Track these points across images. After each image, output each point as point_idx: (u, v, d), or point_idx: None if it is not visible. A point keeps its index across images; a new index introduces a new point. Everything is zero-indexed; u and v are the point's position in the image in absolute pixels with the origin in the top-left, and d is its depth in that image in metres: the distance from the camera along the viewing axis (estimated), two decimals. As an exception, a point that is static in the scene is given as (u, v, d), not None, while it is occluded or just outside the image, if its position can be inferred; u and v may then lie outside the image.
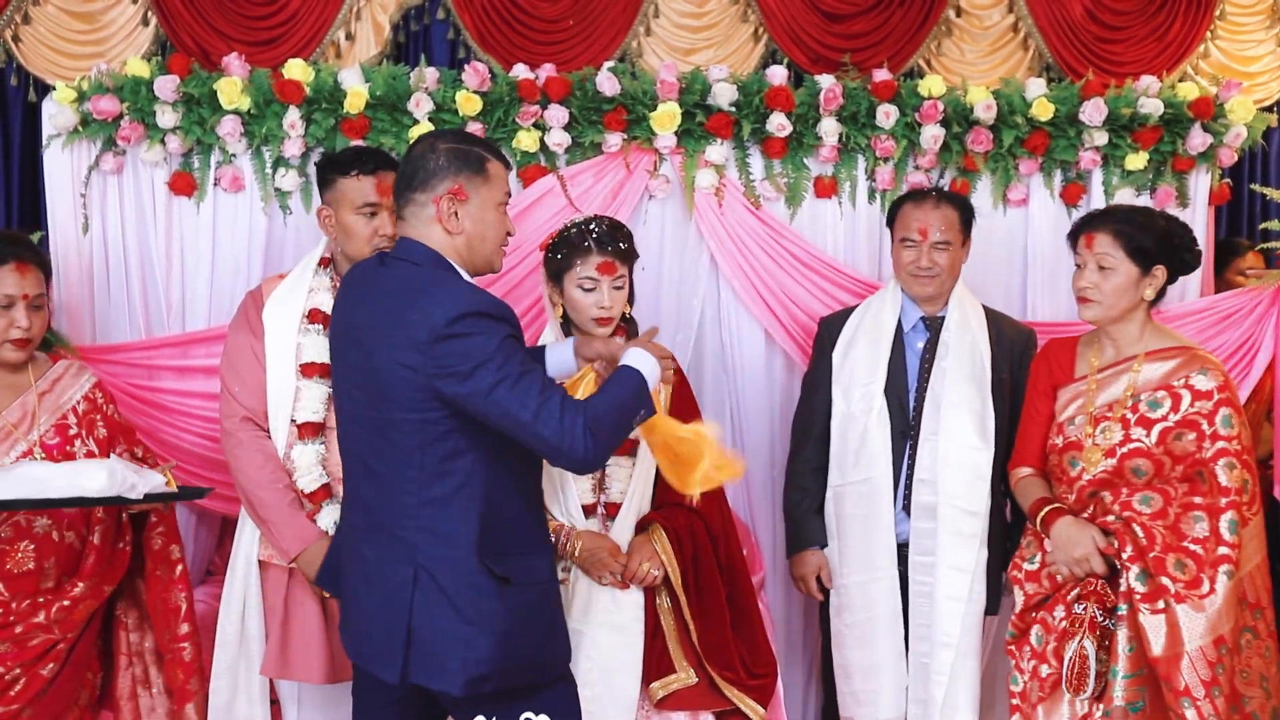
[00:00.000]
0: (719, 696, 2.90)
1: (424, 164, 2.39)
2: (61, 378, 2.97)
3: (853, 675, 3.22)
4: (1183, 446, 2.72)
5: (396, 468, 2.34)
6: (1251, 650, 2.69)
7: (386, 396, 2.31)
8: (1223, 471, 2.69)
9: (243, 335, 2.99)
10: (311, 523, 2.90)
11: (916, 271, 3.23)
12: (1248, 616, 2.69)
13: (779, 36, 4.33)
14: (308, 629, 2.94)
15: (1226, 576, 2.60)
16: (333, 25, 4.20)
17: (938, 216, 3.22)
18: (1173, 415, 2.74)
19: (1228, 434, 2.71)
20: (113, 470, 2.68)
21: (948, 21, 4.50)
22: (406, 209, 2.42)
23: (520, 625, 2.35)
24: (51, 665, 2.78)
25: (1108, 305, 2.82)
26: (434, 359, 2.24)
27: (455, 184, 2.38)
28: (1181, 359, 2.80)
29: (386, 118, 3.54)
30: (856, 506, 3.21)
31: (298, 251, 3.21)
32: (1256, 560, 2.72)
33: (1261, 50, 4.76)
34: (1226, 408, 2.73)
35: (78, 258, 3.54)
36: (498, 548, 2.34)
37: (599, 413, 2.29)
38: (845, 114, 3.68)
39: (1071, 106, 3.71)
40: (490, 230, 2.43)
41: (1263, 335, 3.65)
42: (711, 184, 3.67)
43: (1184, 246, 2.86)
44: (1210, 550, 2.62)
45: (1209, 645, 2.57)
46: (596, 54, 4.13)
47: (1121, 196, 3.75)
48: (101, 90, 3.46)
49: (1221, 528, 2.64)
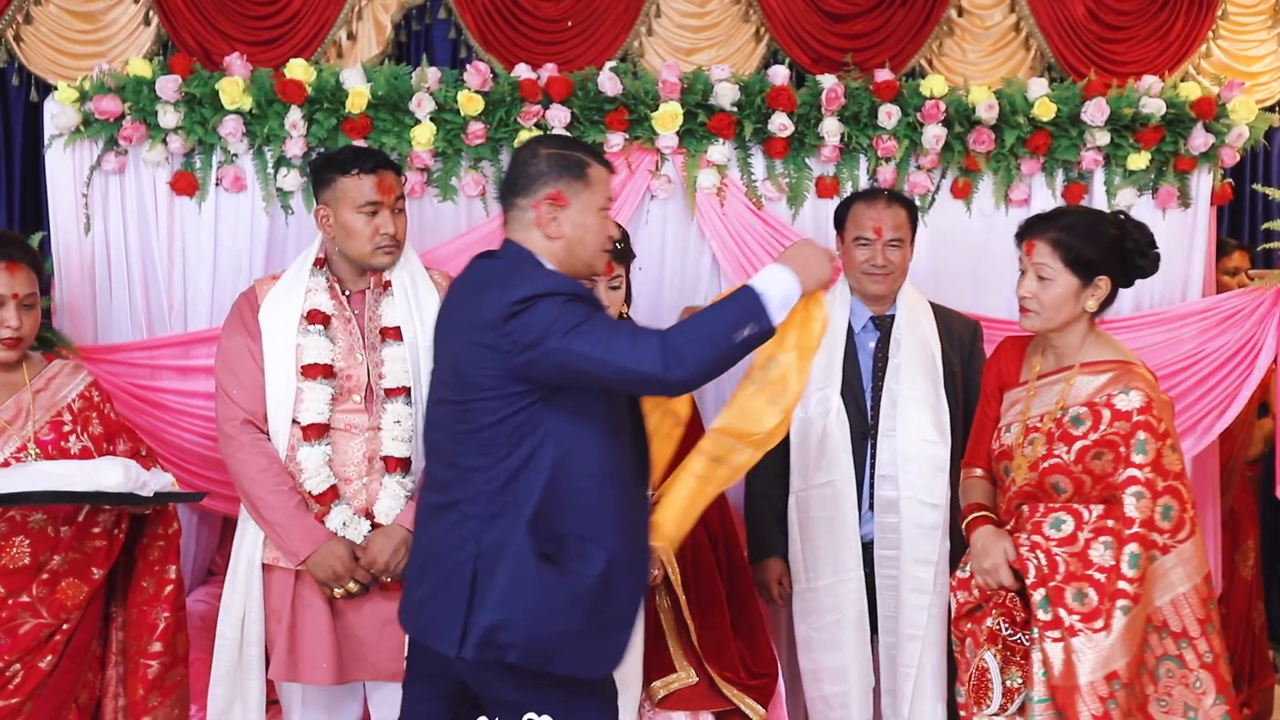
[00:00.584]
0: (719, 696, 2.90)
1: (525, 169, 2.44)
2: (56, 376, 2.96)
3: (822, 680, 3.23)
4: (1102, 466, 2.63)
5: (469, 446, 2.37)
6: (1173, 680, 2.62)
7: (465, 378, 2.36)
8: (1129, 500, 2.59)
9: (239, 337, 2.98)
10: (320, 524, 2.89)
11: (871, 270, 3.24)
12: (1170, 645, 2.62)
13: (780, 36, 4.33)
14: (316, 631, 2.93)
15: (1122, 613, 2.53)
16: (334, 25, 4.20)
17: (890, 215, 3.24)
18: (1092, 434, 2.64)
19: (1140, 460, 2.59)
20: (128, 467, 2.71)
21: (949, 21, 4.50)
22: (510, 213, 2.47)
23: (552, 605, 2.33)
24: (50, 658, 2.77)
25: (1046, 316, 2.70)
26: (506, 335, 2.28)
27: (555, 189, 2.41)
28: (1114, 373, 2.68)
29: (388, 117, 3.54)
30: (821, 510, 3.23)
31: (299, 251, 3.20)
32: (1184, 588, 2.63)
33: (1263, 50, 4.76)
34: (1143, 431, 2.59)
35: (79, 258, 3.53)
36: (552, 526, 2.34)
37: (680, 329, 2.29)
38: (847, 114, 3.68)
39: (1073, 106, 3.71)
40: (590, 235, 2.46)
41: (1264, 336, 3.64)
42: (713, 184, 3.67)
43: (1137, 251, 2.72)
44: (1110, 582, 2.55)
45: (1100, 681, 2.51)
46: (598, 54, 4.13)
47: (1124, 196, 3.75)
48: (103, 90, 3.45)
49: (1123, 560, 2.55)
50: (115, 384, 3.42)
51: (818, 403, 3.24)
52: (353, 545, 2.89)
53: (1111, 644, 2.52)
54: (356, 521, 2.92)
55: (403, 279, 3.03)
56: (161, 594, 2.94)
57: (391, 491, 2.94)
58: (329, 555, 2.85)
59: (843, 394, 3.24)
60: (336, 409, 2.95)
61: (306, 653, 2.92)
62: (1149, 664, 2.62)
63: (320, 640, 2.92)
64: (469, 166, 3.63)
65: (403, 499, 2.95)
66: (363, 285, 3.02)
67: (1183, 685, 2.62)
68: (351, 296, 3.02)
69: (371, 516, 2.94)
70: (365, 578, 2.89)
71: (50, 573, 2.79)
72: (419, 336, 2.99)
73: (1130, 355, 2.76)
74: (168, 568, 2.96)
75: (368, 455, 2.96)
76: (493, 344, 2.30)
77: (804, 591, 3.25)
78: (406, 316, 3.00)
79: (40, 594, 2.77)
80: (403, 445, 2.95)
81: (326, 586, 2.88)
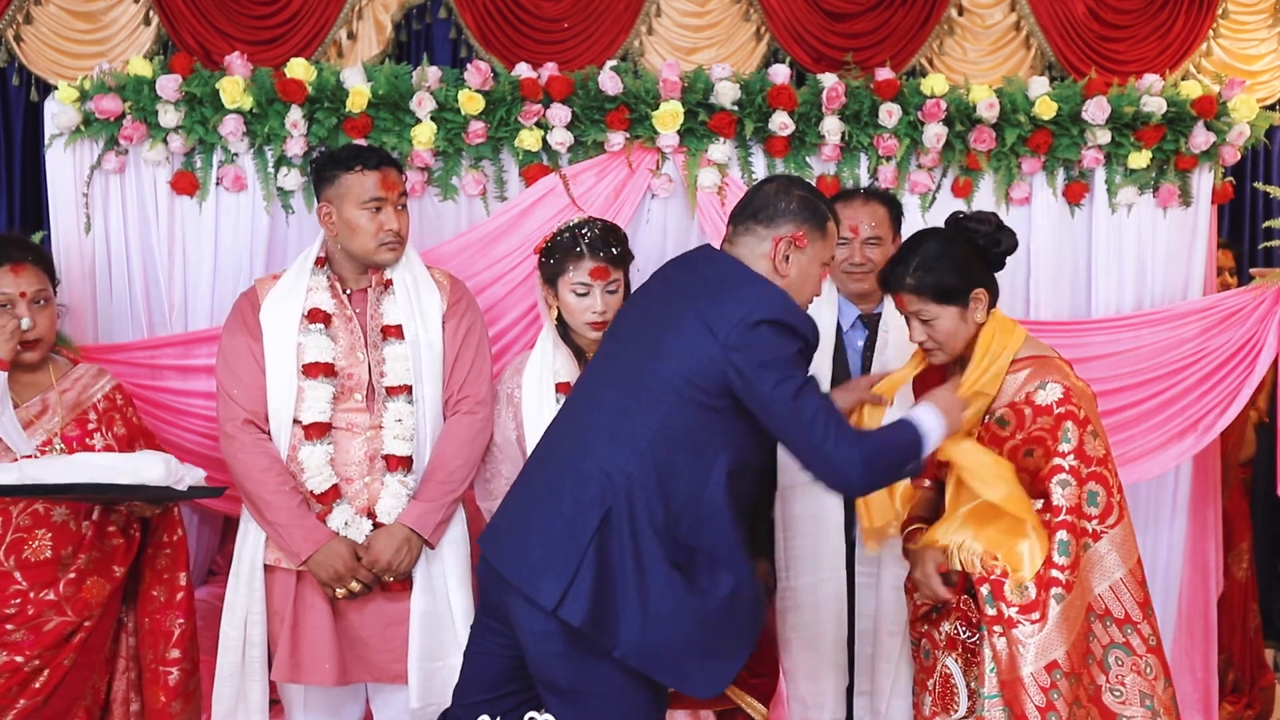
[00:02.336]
0: (720, 695, 2.90)
1: (775, 201, 2.52)
2: (82, 377, 3.00)
3: (799, 679, 3.23)
4: (1035, 463, 2.64)
5: (639, 418, 2.38)
6: (1124, 667, 2.62)
7: (673, 352, 2.38)
8: (1056, 489, 2.60)
9: (240, 337, 2.98)
10: (322, 524, 2.89)
11: (850, 269, 3.25)
12: (1115, 632, 2.63)
13: (781, 35, 4.33)
14: (318, 632, 2.93)
15: (1056, 601, 2.53)
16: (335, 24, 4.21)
17: (866, 213, 3.24)
18: (1019, 433, 2.65)
19: (1063, 449, 2.61)
20: (168, 462, 2.75)
21: (950, 20, 4.51)
22: (742, 235, 2.52)
23: (673, 615, 2.34)
24: (71, 655, 2.79)
25: (950, 348, 2.70)
26: (735, 339, 2.33)
27: (800, 230, 2.49)
28: (1030, 369, 2.69)
29: (389, 117, 3.53)
30: (805, 508, 3.23)
31: (300, 251, 3.20)
32: (1120, 573, 2.64)
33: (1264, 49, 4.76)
34: (1068, 421, 2.61)
35: (80, 257, 3.53)
36: (685, 538, 2.37)
37: (878, 451, 2.42)
38: (848, 113, 3.68)
39: (1074, 105, 3.71)
40: (810, 283, 2.54)
41: (1265, 335, 3.63)
42: (714, 183, 3.67)
43: (990, 247, 2.72)
44: (1045, 572, 2.56)
45: (1040, 671, 2.51)
46: (599, 53, 4.14)
47: (1124, 195, 3.75)
48: (103, 89, 3.45)
49: (1054, 549, 2.56)
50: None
51: None
52: (355, 545, 2.89)
53: (1048, 633, 2.52)
54: (358, 521, 2.92)
55: (404, 277, 3.02)
56: (174, 600, 2.97)
57: (393, 490, 2.94)
58: (331, 555, 2.85)
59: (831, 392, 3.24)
60: (338, 408, 2.95)
61: (308, 654, 2.92)
62: (1096, 653, 2.63)
63: (322, 641, 2.92)
64: (469, 166, 3.63)
65: (404, 498, 2.95)
66: (364, 284, 3.03)
67: (1135, 673, 2.62)
68: (353, 295, 3.02)
69: (373, 516, 2.94)
70: (367, 578, 2.89)
71: (77, 571, 2.81)
72: (420, 335, 2.99)
73: (1044, 350, 2.76)
74: (177, 575, 2.99)
75: (369, 454, 2.96)
76: (718, 345, 2.34)
77: (784, 590, 3.25)
78: (408, 315, 3.00)
79: (67, 593, 2.79)
80: (404, 444, 2.95)
81: (328, 587, 2.88)
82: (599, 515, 2.34)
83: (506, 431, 3.03)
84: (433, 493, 2.95)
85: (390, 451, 2.95)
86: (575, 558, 2.32)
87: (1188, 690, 3.85)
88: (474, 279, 3.45)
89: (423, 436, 2.97)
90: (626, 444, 2.37)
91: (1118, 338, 3.70)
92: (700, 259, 2.58)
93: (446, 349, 3.01)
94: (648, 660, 2.35)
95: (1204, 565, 3.91)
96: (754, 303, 2.38)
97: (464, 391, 3.02)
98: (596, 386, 2.51)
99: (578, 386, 2.60)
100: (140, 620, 2.97)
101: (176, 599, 2.97)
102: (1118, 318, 3.74)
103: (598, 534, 2.33)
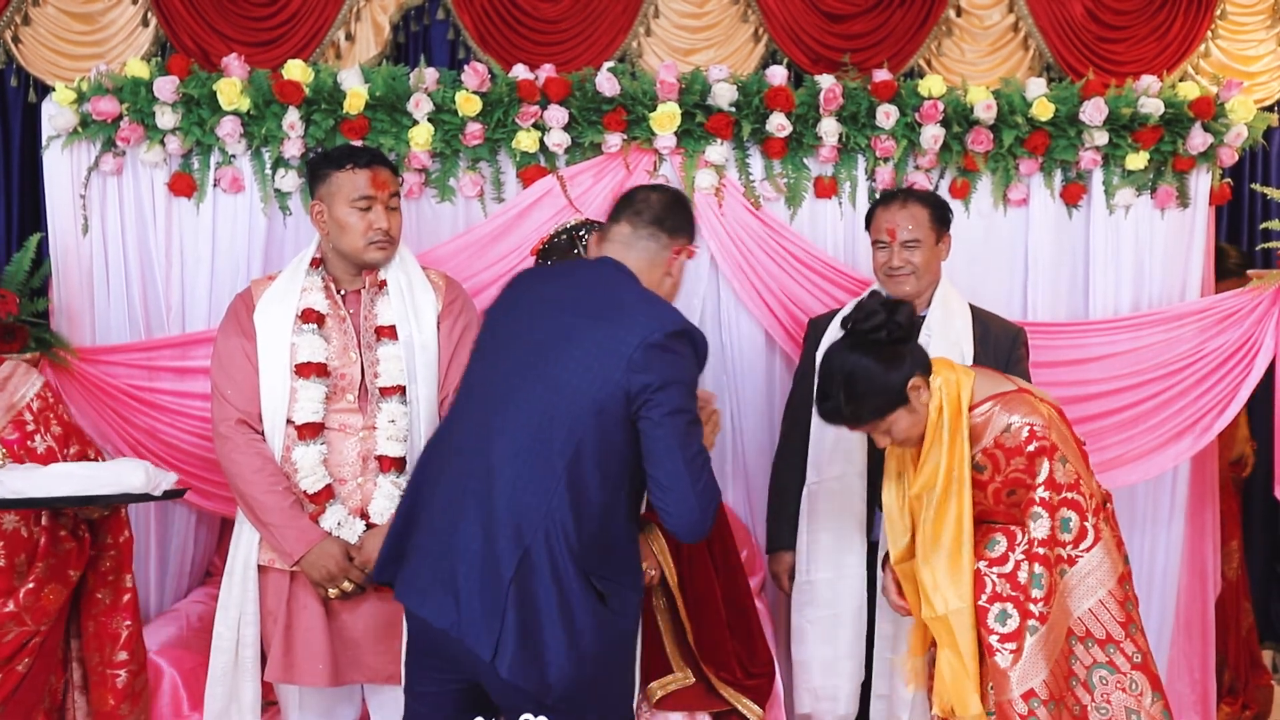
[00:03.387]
0: (716, 697, 2.90)
1: (686, 213, 2.59)
2: (11, 376, 2.93)
3: (813, 671, 3.23)
4: (1018, 498, 2.67)
5: (551, 454, 2.34)
6: (1109, 686, 2.64)
7: (578, 388, 2.34)
8: (1031, 523, 2.62)
9: (234, 338, 2.98)
10: (314, 524, 2.89)
11: (890, 272, 3.25)
12: (1098, 653, 2.64)
13: (779, 37, 4.33)
14: (311, 632, 2.92)
15: (1030, 633, 2.57)
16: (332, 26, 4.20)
17: (905, 216, 3.23)
18: (997, 477, 2.67)
19: (1037, 482, 2.62)
20: (147, 468, 2.71)
21: (948, 21, 4.50)
22: (644, 240, 2.52)
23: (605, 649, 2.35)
24: (26, 660, 2.76)
25: (914, 437, 2.68)
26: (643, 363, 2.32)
27: (692, 243, 2.59)
28: (993, 405, 2.66)
29: (386, 118, 3.54)
30: (830, 504, 3.23)
31: (297, 252, 3.20)
32: (1101, 593, 2.64)
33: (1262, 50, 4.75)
34: (1041, 457, 2.61)
35: (77, 259, 3.53)
36: (600, 564, 2.35)
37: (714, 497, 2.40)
38: (845, 114, 3.68)
39: (1072, 106, 3.71)
40: (670, 297, 2.56)
41: (1263, 336, 3.64)
42: (711, 184, 3.67)
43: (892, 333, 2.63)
44: (1023, 603, 2.60)
45: (1018, 699, 2.55)
46: (596, 54, 4.13)
47: (1122, 196, 3.74)
48: (101, 91, 3.45)
49: (1030, 583, 2.60)
50: (113, 385, 3.42)
51: None
52: (347, 545, 2.89)
53: (1023, 665, 2.56)
54: (351, 521, 2.92)
55: (398, 278, 3.02)
56: (120, 603, 2.93)
57: (386, 491, 2.93)
58: (323, 555, 2.84)
59: None
60: (330, 408, 2.94)
61: (302, 654, 2.92)
62: (1080, 675, 2.65)
63: (316, 642, 2.92)
64: (467, 167, 3.63)
65: (397, 499, 2.94)
66: (358, 285, 3.02)
67: (1120, 690, 2.64)
68: (346, 296, 3.02)
69: (366, 516, 2.93)
70: (360, 578, 2.88)
71: (36, 580, 2.77)
72: (414, 335, 2.99)
73: (1000, 382, 2.73)
74: (123, 577, 2.95)
75: (362, 455, 2.95)
76: (622, 371, 2.32)
77: (803, 583, 3.25)
78: (402, 316, 2.99)
79: (27, 602, 2.75)
80: (397, 445, 2.95)
81: (321, 587, 2.88)
82: (517, 556, 2.31)
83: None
84: None
85: (383, 452, 2.95)
86: (500, 604, 2.30)
87: (1185, 692, 3.85)
88: (471, 280, 3.45)
89: (417, 437, 2.97)
90: (539, 481, 2.33)
91: (1115, 339, 3.70)
92: (588, 274, 2.55)
93: (441, 349, 3.01)
94: (578, 695, 2.32)
95: (1201, 567, 3.91)
96: (655, 321, 2.36)
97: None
98: (492, 411, 2.43)
99: (465, 404, 2.52)
100: (85, 623, 2.92)
101: (123, 601, 2.93)
102: (1115, 319, 3.74)
103: (517, 575, 2.30)
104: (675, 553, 2.89)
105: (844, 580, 3.20)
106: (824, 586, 3.22)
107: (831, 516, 3.22)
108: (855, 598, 3.20)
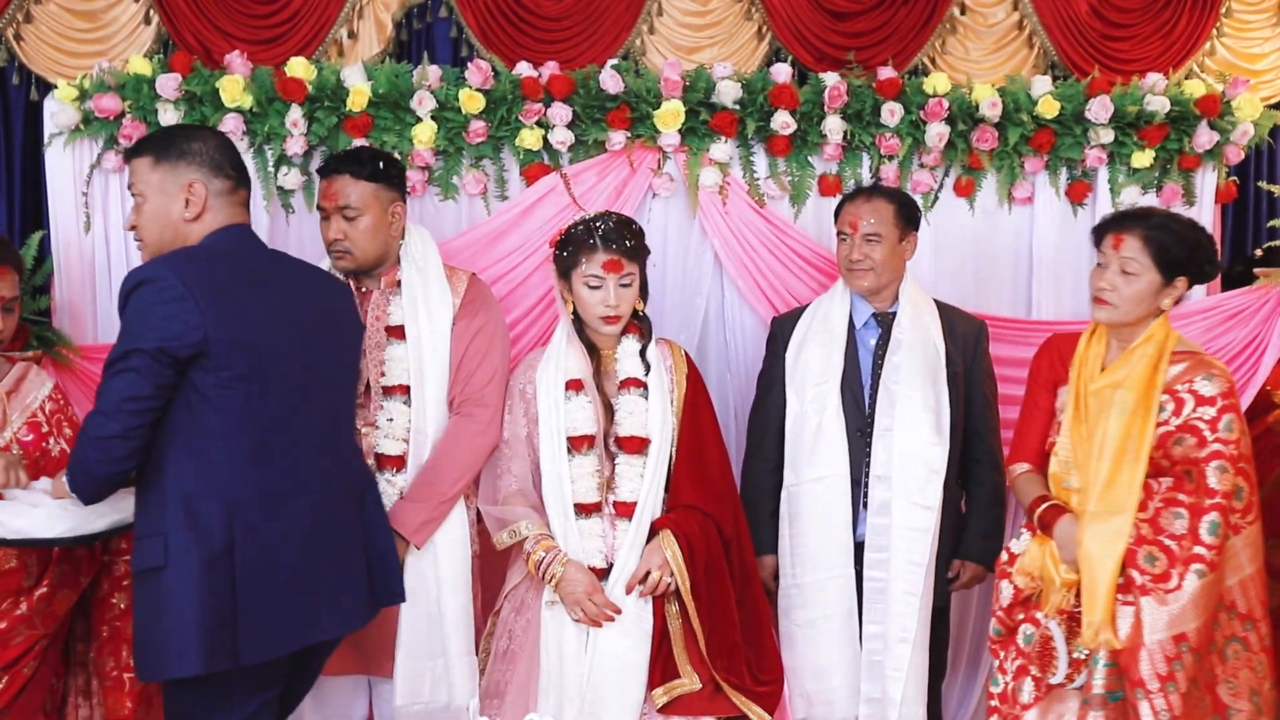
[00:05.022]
0: (724, 702, 2.87)
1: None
2: (25, 378, 2.94)
3: (804, 675, 3.21)
4: (1182, 451, 2.67)
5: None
6: (1240, 661, 2.67)
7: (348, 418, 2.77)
8: (1213, 473, 2.63)
9: None
10: None
11: (850, 265, 3.25)
12: (1237, 626, 2.67)
13: (783, 34, 4.31)
14: None
15: (1196, 575, 2.57)
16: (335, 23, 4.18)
17: (868, 209, 3.23)
18: (1174, 419, 2.68)
19: (1226, 438, 2.65)
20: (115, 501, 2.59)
21: (952, 19, 4.48)
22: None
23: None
24: (32, 663, 2.76)
25: (1124, 310, 2.74)
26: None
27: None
28: (1188, 363, 2.73)
29: (389, 116, 3.53)
30: (812, 505, 3.21)
31: (300, 250, 3.19)
32: (1250, 570, 2.68)
33: (1268, 47, 4.73)
34: (1230, 414, 2.66)
35: (79, 256, 3.53)
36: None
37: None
38: (850, 112, 3.67)
39: (1077, 104, 3.70)
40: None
41: (1269, 334, 3.64)
42: (715, 182, 3.66)
43: (1207, 259, 2.79)
44: (1185, 548, 2.58)
45: (1168, 641, 2.54)
46: (600, 52, 4.11)
47: (1127, 194, 3.74)
48: (103, 88, 3.45)
49: (1201, 528, 2.60)
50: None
51: (814, 397, 3.23)
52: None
53: (1183, 605, 2.56)
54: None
55: (412, 278, 3.02)
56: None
57: (382, 489, 2.92)
58: None
59: (842, 390, 3.22)
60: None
61: None
62: (1218, 643, 2.66)
63: None
64: (470, 165, 3.62)
65: (393, 497, 2.95)
66: (373, 284, 3.03)
67: (1248, 669, 2.67)
68: (363, 296, 3.03)
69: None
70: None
71: (49, 586, 2.78)
72: (423, 336, 2.99)
73: (1198, 348, 2.83)
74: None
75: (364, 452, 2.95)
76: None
77: (789, 587, 3.23)
78: (412, 316, 3.00)
79: (39, 608, 2.76)
80: (396, 444, 2.96)
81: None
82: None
83: (517, 428, 3.00)
84: (417, 492, 2.95)
85: (382, 450, 2.96)
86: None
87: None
88: (475, 278, 3.44)
89: (424, 437, 2.96)
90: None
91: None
92: (322, 297, 2.67)
93: (454, 349, 3.00)
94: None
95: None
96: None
97: (465, 393, 3.01)
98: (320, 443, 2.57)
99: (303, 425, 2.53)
100: (98, 628, 2.92)
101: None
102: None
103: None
104: (690, 560, 2.86)
105: (831, 581, 3.18)
106: (812, 589, 3.20)
107: (814, 518, 3.20)
108: (843, 600, 3.17)
